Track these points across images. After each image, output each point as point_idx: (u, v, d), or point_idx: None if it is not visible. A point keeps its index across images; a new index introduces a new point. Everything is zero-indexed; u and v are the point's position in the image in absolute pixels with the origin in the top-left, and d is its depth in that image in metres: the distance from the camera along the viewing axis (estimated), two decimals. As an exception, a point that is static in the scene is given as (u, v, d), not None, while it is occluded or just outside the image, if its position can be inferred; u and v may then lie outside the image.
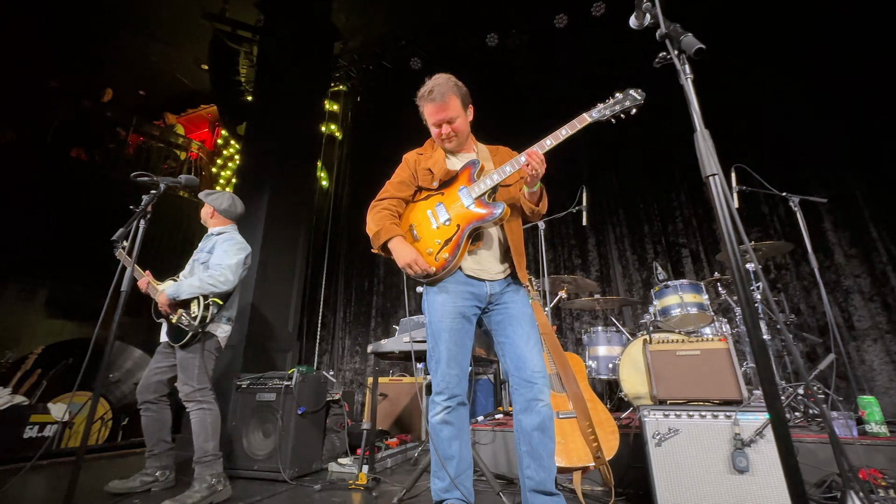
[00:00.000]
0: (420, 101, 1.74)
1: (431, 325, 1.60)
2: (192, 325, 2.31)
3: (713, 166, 0.82)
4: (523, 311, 1.63)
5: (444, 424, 1.53)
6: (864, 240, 3.52)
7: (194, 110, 8.30)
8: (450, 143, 1.74)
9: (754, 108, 4.19)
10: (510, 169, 1.62)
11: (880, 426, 2.10)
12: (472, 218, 1.60)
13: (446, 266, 1.55)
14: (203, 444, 2.21)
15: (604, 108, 1.59)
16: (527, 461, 1.50)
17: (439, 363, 1.55)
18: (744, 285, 0.72)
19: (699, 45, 0.89)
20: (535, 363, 1.54)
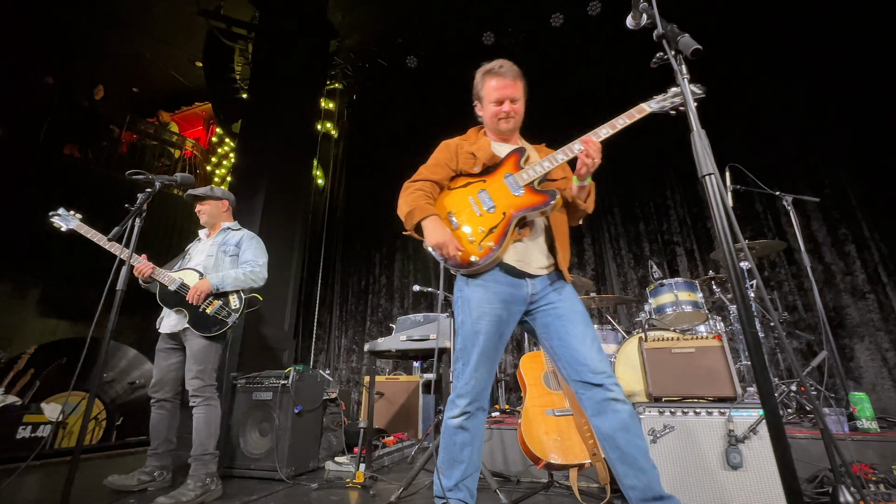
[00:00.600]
0: (485, 74, 1.66)
1: (465, 324, 1.48)
2: (232, 316, 2.35)
3: (709, 166, 0.82)
4: (573, 309, 1.50)
5: (459, 430, 1.44)
6: (857, 238, 3.57)
7: (189, 108, 8.24)
8: (507, 124, 1.64)
9: (749, 107, 4.22)
10: (562, 157, 1.51)
11: (871, 422, 2.13)
12: (523, 205, 1.48)
13: (490, 255, 1.41)
14: (204, 442, 2.20)
15: (662, 99, 1.51)
16: (622, 469, 1.33)
17: (467, 365, 1.45)
18: (739, 284, 0.73)
19: (696, 46, 0.90)
20: (596, 363, 1.39)
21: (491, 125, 1.69)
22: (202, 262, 2.53)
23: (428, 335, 2.64)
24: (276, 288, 4.56)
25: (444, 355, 2.57)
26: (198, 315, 2.32)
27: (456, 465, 1.44)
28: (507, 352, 4.55)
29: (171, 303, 2.36)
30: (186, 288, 2.35)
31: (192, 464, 2.17)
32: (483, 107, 1.69)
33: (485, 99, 1.66)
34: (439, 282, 4.25)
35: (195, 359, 2.29)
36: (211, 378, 2.32)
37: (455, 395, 1.46)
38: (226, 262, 2.53)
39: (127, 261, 1.84)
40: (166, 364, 2.38)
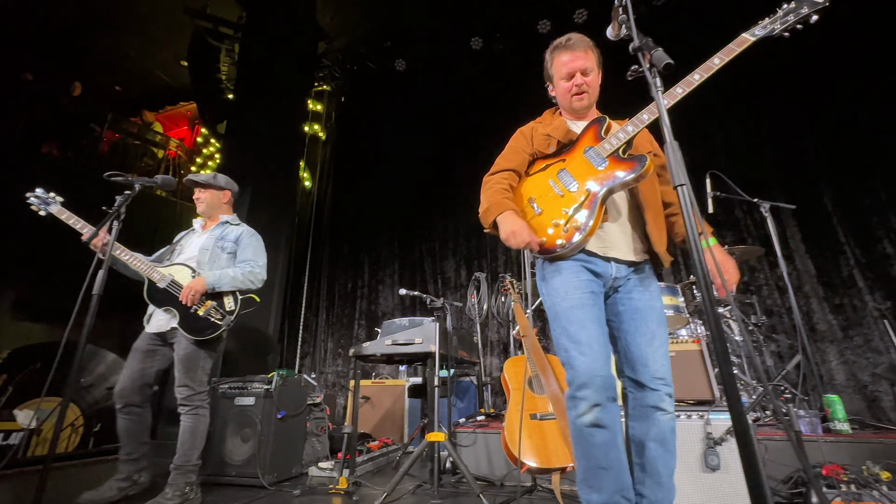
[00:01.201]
0: (553, 51, 1.56)
1: (556, 306, 1.34)
2: (227, 319, 2.21)
3: (682, 177, 0.85)
4: (651, 305, 1.38)
5: (595, 428, 1.23)
6: (832, 244, 3.68)
7: (173, 107, 8.11)
8: (580, 100, 1.52)
9: (729, 116, 4.33)
10: (648, 116, 1.33)
11: (843, 424, 2.19)
12: (607, 177, 1.34)
13: (576, 237, 1.31)
14: (188, 452, 2.12)
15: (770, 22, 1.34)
16: (639, 476, 1.27)
17: (572, 349, 1.27)
18: (710, 296, 0.75)
19: (668, 61, 0.92)
20: (658, 367, 1.30)
21: (564, 104, 1.58)
22: (195, 255, 2.36)
23: (413, 339, 2.64)
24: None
25: (430, 359, 2.57)
26: (188, 316, 2.17)
27: (605, 473, 1.22)
28: (492, 354, 4.56)
29: (159, 301, 2.20)
30: (177, 286, 2.20)
31: (172, 472, 2.10)
32: (555, 85, 1.58)
33: (555, 76, 1.56)
34: (523, 276, 4.18)
35: (182, 364, 2.15)
36: (201, 385, 2.19)
37: (573, 390, 1.27)
38: (222, 259, 2.39)
39: (105, 264, 1.79)
40: (141, 367, 2.19)
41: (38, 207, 2.25)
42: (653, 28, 4.78)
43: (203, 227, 2.52)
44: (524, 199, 1.46)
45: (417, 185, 5.69)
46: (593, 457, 1.23)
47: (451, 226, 5.33)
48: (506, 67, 5.52)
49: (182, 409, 2.15)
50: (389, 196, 5.87)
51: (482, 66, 5.63)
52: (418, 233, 5.54)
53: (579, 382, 1.25)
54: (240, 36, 5.87)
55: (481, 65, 5.63)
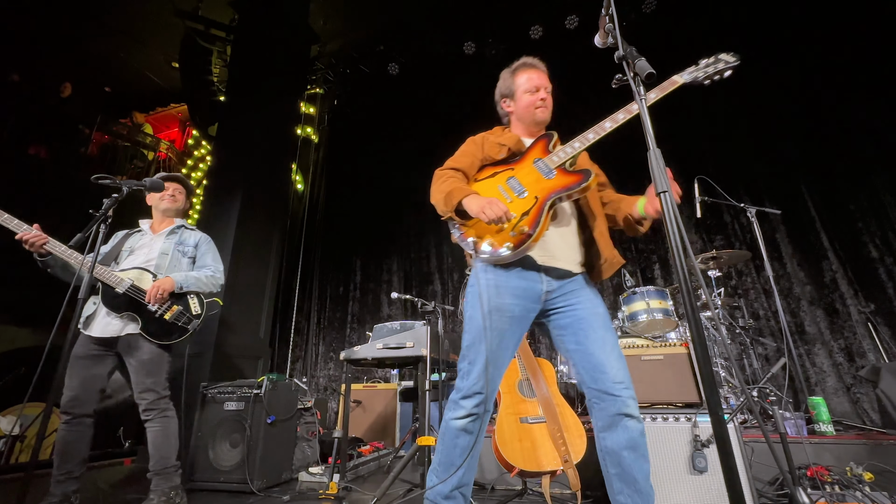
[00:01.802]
0: (516, 70, 1.68)
1: (475, 320, 1.39)
2: (193, 322, 2.18)
3: (664, 184, 0.86)
4: (595, 311, 1.42)
5: (462, 433, 1.36)
6: (816, 248, 3.74)
7: (164, 109, 8.04)
8: (543, 113, 1.63)
9: (716, 122, 4.40)
10: (593, 136, 1.45)
11: (827, 425, 2.23)
12: (555, 187, 1.41)
13: (524, 242, 1.34)
14: (166, 455, 2.09)
15: (695, 70, 1.50)
16: (618, 485, 1.29)
17: (474, 364, 1.36)
18: (691, 300, 0.77)
19: (650, 70, 0.95)
20: (616, 372, 1.33)
21: (526, 116, 1.65)
22: (154, 259, 2.27)
23: (405, 343, 2.64)
24: (252, 294, 4.47)
25: (421, 363, 2.57)
26: (153, 321, 2.11)
27: (454, 471, 1.36)
28: (485, 358, 4.56)
29: (118, 306, 2.09)
30: (139, 291, 2.12)
31: (153, 479, 2.05)
32: (516, 99, 1.67)
33: (518, 90, 1.66)
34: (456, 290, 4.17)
35: (146, 369, 2.07)
36: (166, 388, 2.15)
37: (460, 396, 1.37)
38: (183, 263, 2.34)
39: (90, 269, 1.77)
40: (90, 374, 2.06)
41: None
42: (642, 35, 4.86)
43: (153, 229, 2.41)
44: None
45: (409, 188, 5.69)
46: (452, 455, 1.37)
47: (442, 229, 5.33)
48: (498, 72, 5.55)
49: (149, 413, 2.08)
50: (381, 199, 5.87)
51: (475, 70, 5.66)
52: (410, 236, 5.55)
53: (467, 393, 1.36)
54: (232, 38, 5.85)
55: (474, 69, 5.66)
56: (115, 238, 2.36)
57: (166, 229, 2.41)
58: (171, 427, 2.13)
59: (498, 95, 1.75)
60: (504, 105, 1.73)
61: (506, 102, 1.72)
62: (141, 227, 2.40)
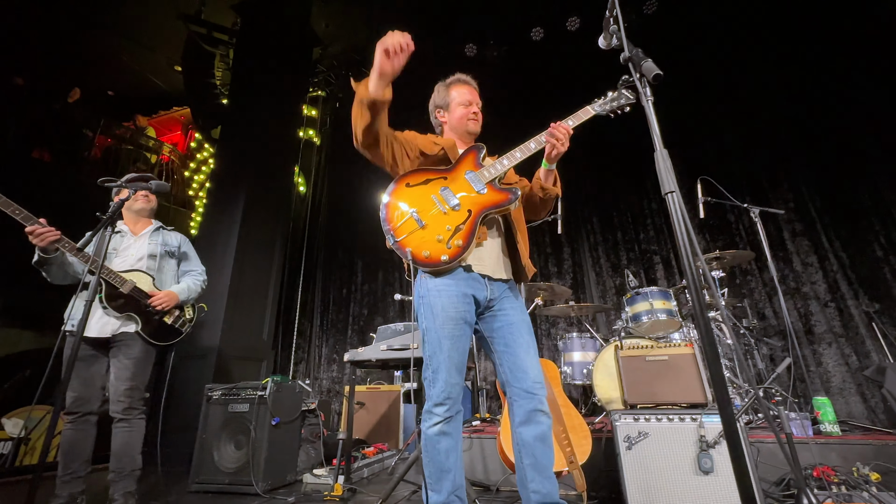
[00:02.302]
0: (451, 84, 1.80)
1: (430, 331, 1.46)
2: (187, 326, 2.29)
3: (671, 184, 0.87)
4: (523, 319, 1.57)
5: (441, 436, 1.42)
6: (818, 248, 3.74)
7: (167, 112, 8.08)
8: (475, 125, 1.76)
9: (720, 123, 4.41)
10: (521, 155, 1.59)
11: (833, 426, 2.23)
12: (486, 203, 1.52)
13: (460, 255, 1.43)
14: (136, 457, 2.08)
15: (603, 102, 1.66)
16: (531, 474, 1.44)
17: (438, 372, 1.43)
18: (699, 299, 0.77)
19: (657, 72, 0.95)
20: (536, 373, 1.49)
21: (459, 126, 1.76)
22: (143, 262, 2.28)
23: (408, 344, 2.64)
24: (256, 296, 4.48)
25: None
26: (152, 322, 2.18)
27: (445, 476, 1.40)
28: (487, 359, 4.56)
29: (120, 307, 2.12)
30: (141, 292, 2.17)
31: (118, 481, 2.02)
32: (450, 111, 1.78)
33: (452, 103, 1.78)
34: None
35: (135, 367, 2.10)
36: (145, 388, 2.17)
37: (431, 405, 1.43)
38: (170, 265, 2.40)
39: (97, 272, 1.78)
40: (89, 373, 2.10)
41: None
42: (642, 36, 4.87)
43: (132, 231, 2.38)
44: (404, 210, 1.53)
45: (412, 190, 5.71)
46: (438, 460, 1.41)
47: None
48: (499, 74, 5.57)
49: (129, 413, 2.08)
50: (384, 201, 5.87)
51: (476, 72, 5.65)
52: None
53: (437, 401, 1.42)
54: (234, 42, 5.88)
55: (475, 71, 5.64)
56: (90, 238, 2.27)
57: (147, 230, 2.40)
58: (142, 428, 2.14)
59: (432, 106, 1.85)
60: (438, 115, 1.82)
61: (440, 113, 1.82)
62: (119, 229, 2.35)
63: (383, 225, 1.51)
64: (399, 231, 1.48)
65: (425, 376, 1.47)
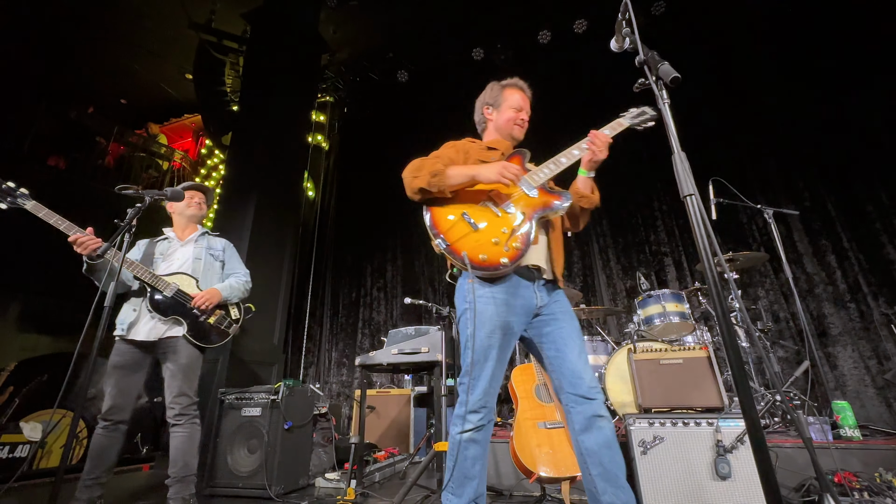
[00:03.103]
0: (507, 85, 1.79)
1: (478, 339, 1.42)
2: (233, 326, 2.30)
3: (690, 187, 0.86)
4: (572, 323, 1.52)
5: (472, 443, 1.38)
6: (837, 249, 3.67)
7: (178, 119, 8.20)
8: (520, 131, 1.76)
9: (731, 123, 4.37)
10: (566, 160, 1.57)
11: (853, 430, 2.18)
12: (539, 205, 1.50)
13: (519, 257, 1.40)
14: (189, 462, 2.10)
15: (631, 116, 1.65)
16: (601, 485, 1.33)
17: (478, 380, 1.40)
18: (721, 303, 0.76)
19: (675, 74, 0.94)
20: (591, 378, 1.43)
21: (505, 129, 1.75)
22: (189, 265, 2.34)
23: (419, 348, 2.64)
24: (266, 301, 4.51)
25: (437, 368, 2.57)
26: (198, 324, 2.21)
27: (468, 483, 1.37)
28: (498, 363, 4.54)
29: (164, 310, 2.16)
30: (185, 294, 2.21)
31: (172, 485, 2.05)
32: (500, 111, 1.77)
33: (504, 104, 1.76)
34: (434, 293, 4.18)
35: (183, 373, 2.13)
36: (197, 394, 2.19)
37: (466, 411, 1.39)
38: (215, 268, 2.44)
39: (115, 277, 1.81)
40: (129, 381, 2.11)
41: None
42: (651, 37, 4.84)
43: (179, 237, 2.46)
44: (455, 212, 1.50)
45: (420, 193, 5.73)
46: (464, 467, 1.38)
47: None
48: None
49: (180, 419, 2.11)
50: (392, 205, 5.89)
51: (484, 76, 5.67)
52: (421, 241, 5.56)
53: (473, 408, 1.39)
54: (244, 49, 5.96)
55: (483, 75, 5.67)
56: (140, 246, 2.41)
57: (193, 235, 2.49)
58: (196, 434, 2.15)
59: (481, 102, 1.83)
60: (486, 111, 1.81)
61: (488, 110, 1.80)
62: (166, 235, 2.47)
63: (430, 230, 1.47)
64: (451, 235, 1.44)
65: (461, 381, 1.43)
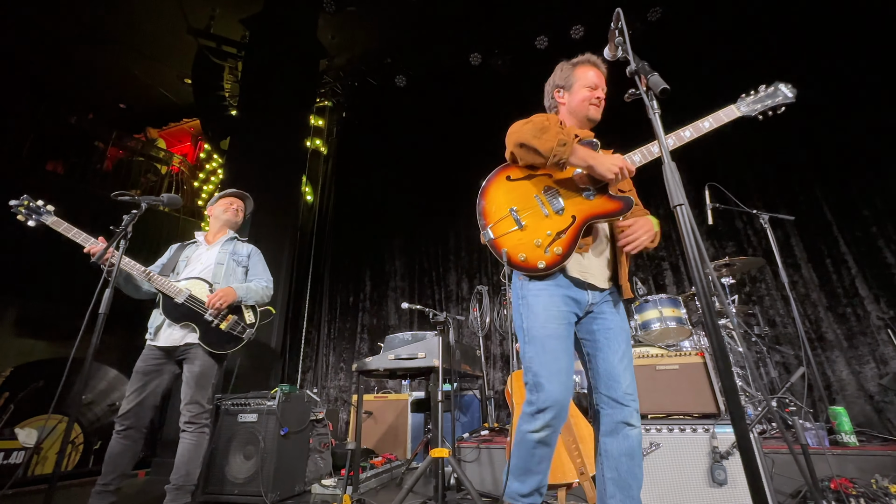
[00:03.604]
0: (579, 63, 1.63)
1: (533, 330, 1.37)
2: (248, 332, 2.25)
3: (680, 197, 0.87)
4: (622, 326, 1.46)
5: (541, 445, 1.32)
6: (833, 254, 3.69)
7: (176, 124, 8.22)
8: (597, 112, 1.60)
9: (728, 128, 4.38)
10: (639, 158, 1.42)
11: (850, 436, 2.18)
12: (594, 212, 1.40)
13: (558, 263, 1.35)
14: (192, 471, 2.08)
15: (753, 101, 1.51)
16: (611, 490, 1.33)
17: (540, 376, 1.33)
18: (711, 314, 0.77)
19: (664, 86, 0.95)
20: (629, 384, 1.38)
21: (580, 111, 1.61)
22: (211, 269, 2.35)
23: (417, 353, 2.64)
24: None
25: (433, 374, 2.57)
26: (210, 330, 2.17)
27: (532, 475, 1.35)
28: (495, 368, 4.54)
29: (177, 317, 2.16)
30: (196, 300, 2.19)
31: (169, 492, 2.03)
32: (572, 92, 1.62)
33: (577, 83, 1.62)
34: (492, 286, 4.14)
35: (196, 381, 2.12)
36: (210, 402, 2.17)
37: (535, 409, 1.32)
38: (238, 273, 2.43)
39: (111, 282, 1.81)
40: (150, 386, 2.11)
41: (25, 217, 2.10)
42: (647, 43, 4.88)
43: (207, 241, 2.51)
44: (505, 205, 1.44)
45: (418, 198, 5.74)
46: (530, 462, 1.35)
47: (452, 239, 5.35)
48: (504, 82, 5.61)
49: (189, 426, 2.10)
50: (390, 210, 5.91)
51: (481, 81, 5.72)
52: (420, 246, 5.57)
53: (543, 406, 1.31)
54: (243, 54, 5.99)
55: (480, 80, 5.72)
56: (171, 250, 2.47)
57: (220, 240, 2.51)
58: (203, 443, 2.14)
59: (551, 85, 1.70)
60: (557, 95, 1.67)
61: (559, 93, 1.67)
62: (196, 239, 2.52)
63: (479, 218, 1.42)
64: (497, 228, 1.40)
65: (527, 379, 1.37)
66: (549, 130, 1.39)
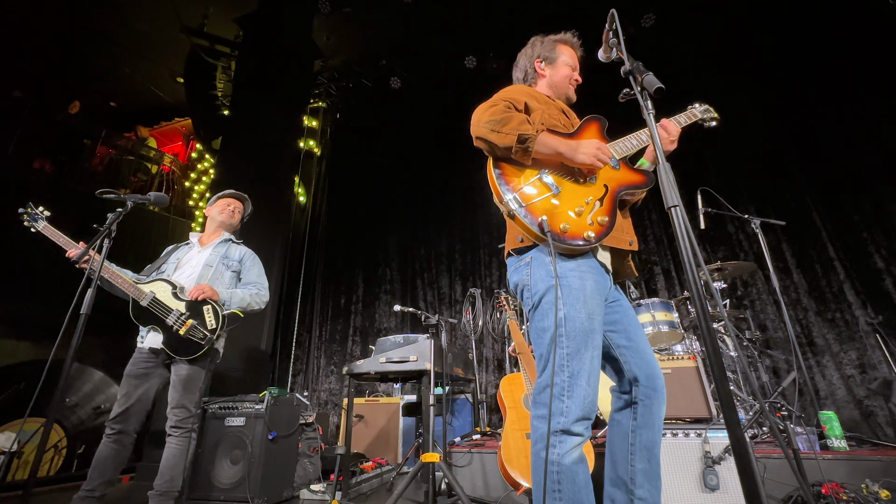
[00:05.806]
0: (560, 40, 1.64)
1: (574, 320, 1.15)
2: (208, 338, 2.14)
3: (674, 198, 0.86)
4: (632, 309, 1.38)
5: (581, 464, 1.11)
6: (823, 258, 3.72)
7: (168, 123, 8.13)
8: (573, 93, 1.61)
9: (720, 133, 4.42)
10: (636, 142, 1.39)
11: (840, 440, 2.19)
12: (623, 181, 1.31)
13: (604, 234, 1.20)
14: (175, 477, 2.03)
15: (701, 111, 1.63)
16: (640, 480, 1.23)
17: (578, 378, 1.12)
18: (706, 317, 0.75)
19: (659, 85, 0.95)
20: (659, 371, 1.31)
21: (561, 87, 1.59)
22: (198, 271, 2.32)
23: (408, 356, 2.61)
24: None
25: (425, 377, 2.54)
26: (172, 335, 2.12)
27: None
28: (488, 371, 4.52)
29: (145, 320, 2.12)
30: (159, 303, 2.14)
31: (152, 498, 1.98)
32: (556, 67, 1.60)
33: (559, 60, 1.60)
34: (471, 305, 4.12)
35: (182, 385, 2.09)
36: (196, 406, 2.14)
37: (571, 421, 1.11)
38: (225, 277, 2.38)
39: (93, 282, 1.76)
40: (141, 389, 2.09)
41: (29, 223, 2.18)
42: (641, 48, 4.92)
43: (201, 242, 2.46)
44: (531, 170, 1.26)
45: (412, 201, 5.72)
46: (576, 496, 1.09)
47: (445, 242, 5.34)
48: (499, 85, 5.62)
49: (175, 431, 2.06)
50: (384, 212, 5.88)
51: (476, 83, 5.73)
52: (413, 249, 5.54)
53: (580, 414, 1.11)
54: (236, 54, 5.94)
55: (475, 82, 5.72)
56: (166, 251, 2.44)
57: (213, 242, 2.46)
58: (187, 447, 2.09)
59: (530, 56, 1.65)
60: (538, 65, 1.62)
61: (541, 64, 1.62)
62: (190, 240, 2.48)
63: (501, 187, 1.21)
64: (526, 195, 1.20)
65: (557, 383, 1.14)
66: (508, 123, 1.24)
